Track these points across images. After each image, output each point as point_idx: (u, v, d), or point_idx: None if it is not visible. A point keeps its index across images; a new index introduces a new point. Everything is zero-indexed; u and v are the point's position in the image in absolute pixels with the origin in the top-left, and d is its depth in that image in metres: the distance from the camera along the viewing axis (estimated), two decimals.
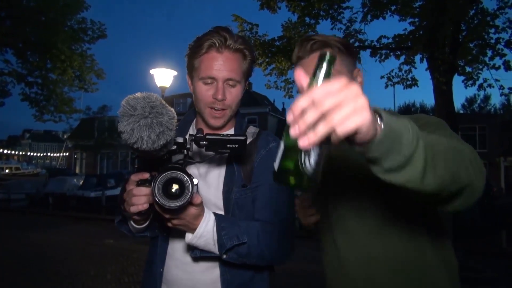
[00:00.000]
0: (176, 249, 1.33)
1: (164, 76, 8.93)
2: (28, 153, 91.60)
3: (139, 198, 1.09)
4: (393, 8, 10.00)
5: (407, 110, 48.88)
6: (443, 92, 8.43)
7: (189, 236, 1.15)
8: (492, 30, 9.40)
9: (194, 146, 1.13)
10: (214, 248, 1.17)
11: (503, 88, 9.33)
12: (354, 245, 1.18)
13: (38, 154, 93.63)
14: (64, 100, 13.60)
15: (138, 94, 0.96)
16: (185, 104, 34.82)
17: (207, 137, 1.11)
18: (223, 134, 1.13)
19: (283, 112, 39.20)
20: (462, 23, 9.06)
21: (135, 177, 1.10)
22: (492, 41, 9.37)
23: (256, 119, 33.85)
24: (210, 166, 1.35)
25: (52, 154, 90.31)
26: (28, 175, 44.15)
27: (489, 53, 9.42)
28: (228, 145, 1.12)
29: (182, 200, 0.99)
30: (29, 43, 12.25)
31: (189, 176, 1.00)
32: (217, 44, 1.25)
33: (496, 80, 9.48)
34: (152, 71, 9.04)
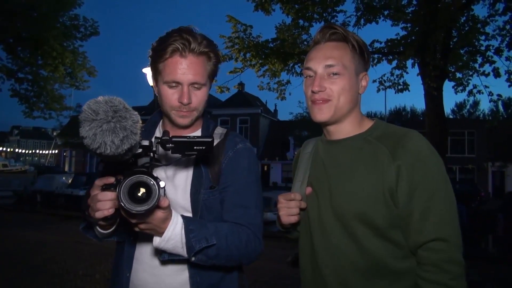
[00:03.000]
0: (143, 253, 1.32)
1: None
2: (16, 150, 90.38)
3: (104, 203, 1.05)
4: (386, 13, 10.11)
5: (397, 114, 49.32)
6: (433, 97, 8.53)
7: (156, 240, 1.12)
8: (483, 37, 9.55)
9: (161, 149, 1.12)
10: (183, 251, 1.14)
11: (492, 94, 9.49)
12: (332, 249, 1.21)
13: (27, 151, 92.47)
14: (55, 97, 13.45)
15: (100, 98, 0.94)
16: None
17: (173, 139, 1.09)
18: (189, 136, 1.11)
19: (275, 113, 39.29)
20: (453, 30, 9.18)
21: (99, 182, 1.07)
22: (482, 48, 9.51)
23: (248, 120, 33.85)
24: (178, 168, 1.34)
25: (40, 152, 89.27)
26: (15, 172, 43.59)
27: (479, 59, 9.56)
28: (195, 147, 1.10)
29: (149, 204, 0.96)
30: (20, 39, 12.09)
31: (156, 179, 0.97)
32: (180, 48, 1.23)
33: (486, 87, 9.62)
34: (144, 70, 9.00)
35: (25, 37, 11.96)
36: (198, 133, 1.41)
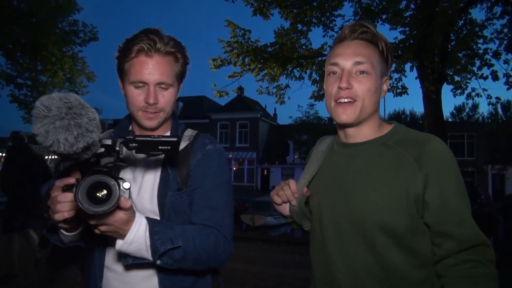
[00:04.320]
0: (113, 260, 1.29)
1: None
2: None
3: (64, 204, 1.00)
4: (384, 17, 10.14)
5: (397, 118, 49.46)
6: (432, 100, 8.54)
7: (119, 243, 1.07)
8: (481, 41, 9.58)
9: (126, 150, 1.09)
10: (147, 254, 1.11)
11: (491, 97, 9.49)
12: (348, 258, 1.17)
13: None
14: None
15: (54, 94, 0.90)
16: (176, 108, 34.62)
17: (137, 138, 1.05)
18: (154, 135, 1.07)
19: (275, 117, 39.33)
20: (451, 33, 9.21)
21: (60, 183, 1.02)
22: (481, 51, 9.54)
23: (247, 124, 33.88)
24: (146, 171, 1.32)
25: None
26: None
27: (478, 63, 9.58)
28: (160, 147, 1.06)
29: (108, 205, 0.92)
30: (19, 44, 12.11)
31: (116, 179, 0.94)
32: (146, 48, 1.22)
33: (484, 90, 9.64)
34: None
35: (25, 43, 11.97)
36: (167, 134, 1.38)
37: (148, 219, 1.12)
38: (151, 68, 1.23)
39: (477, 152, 28.35)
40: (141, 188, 1.30)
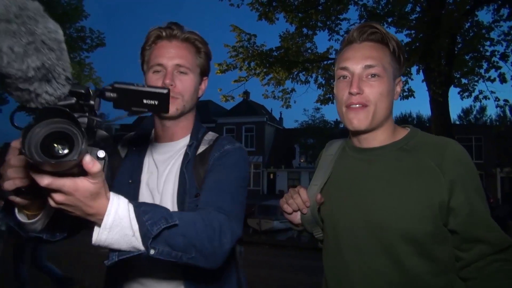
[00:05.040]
0: (136, 272, 1.20)
1: None
2: None
3: (18, 170, 0.79)
4: (389, 20, 10.12)
5: (404, 121, 49.24)
6: (439, 103, 8.48)
7: (96, 231, 0.82)
8: (488, 43, 9.52)
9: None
10: (136, 242, 0.85)
11: (499, 100, 9.42)
12: (366, 268, 1.12)
13: None
14: None
15: None
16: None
17: (115, 85, 0.84)
18: (138, 83, 0.87)
19: (281, 121, 39.32)
20: (458, 36, 9.17)
21: (16, 143, 0.79)
22: (488, 53, 9.48)
23: (253, 128, 33.92)
24: (167, 176, 1.26)
25: None
26: None
27: (485, 65, 9.52)
28: (145, 101, 0.86)
29: (65, 157, 0.67)
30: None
31: (81, 130, 0.67)
32: (164, 34, 1.24)
33: (492, 92, 9.57)
34: None
35: None
36: (187, 138, 1.32)
37: (130, 201, 0.90)
38: (170, 51, 1.23)
39: (485, 155, 28.07)
40: (163, 195, 1.24)
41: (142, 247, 0.87)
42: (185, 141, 1.32)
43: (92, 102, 0.81)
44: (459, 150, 1.10)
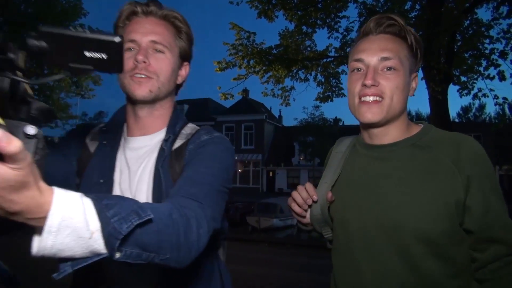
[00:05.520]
0: (105, 277, 1.05)
1: None
2: None
3: None
4: None
5: None
6: (438, 101, 8.49)
7: (37, 237, 0.60)
8: (487, 41, 9.51)
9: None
10: (96, 245, 0.65)
11: (498, 97, 9.41)
12: (379, 268, 1.07)
13: None
14: (61, 106, 13.60)
15: None
16: (182, 111, 34.71)
17: (43, 29, 0.60)
18: (78, 26, 0.65)
19: (280, 119, 39.33)
20: (457, 34, 9.16)
21: None
22: (487, 51, 9.47)
23: (253, 126, 33.92)
24: (140, 179, 1.10)
25: None
26: None
27: (484, 63, 9.51)
28: (88, 54, 0.62)
29: None
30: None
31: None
32: (139, 9, 1.11)
33: (491, 90, 9.56)
34: None
35: None
36: (163, 131, 1.15)
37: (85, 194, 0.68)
38: (144, 27, 1.09)
39: None
40: (136, 197, 1.08)
41: (103, 251, 0.66)
42: (161, 134, 1.15)
43: (12, 56, 0.59)
44: (476, 146, 1.05)
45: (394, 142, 1.14)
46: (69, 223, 0.61)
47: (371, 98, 1.09)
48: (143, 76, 1.06)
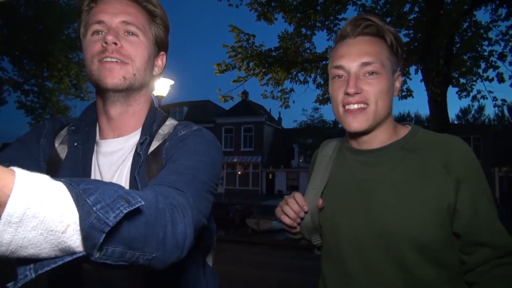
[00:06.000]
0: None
1: (161, 85, 8.99)
2: None
3: None
4: (388, 20, 10.13)
5: (402, 120, 48.95)
6: (437, 103, 8.50)
7: None
8: (486, 43, 9.55)
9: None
10: (70, 241, 0.50)
11: (497, 99, 9.44)
12: (373, 278, 1.04)
13: None
14: (60, 108, 13.59)
15: None
16: (181, 113, 34.85)
17: None
18: None
19: (280, 121, 39.34)
20: (456, 36, 9.19)
21: None
22: (486, 53, 9.50)
23: (252, 128, 33.94)
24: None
25: None
26: None
27: (483, 65, 9.55)
28: None
29: None
30: (26, 52, 12.27)
31: None
32: None
33: (490, 92, 9.58)
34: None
35: (31, 50, 12.13)
36: (138, 132, 1.00)
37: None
38: (114, 7, 0.94)
39: (484, 155, 28.11)
40: None
41: (79, 248, 0.51)
42: (136, 136, 1.00)
43: None
44: (464, 148, 1.03)
45: (383, 146, 1.11)
46: (37, 213, 0.47)
47: (356, 106, 1.05)
48: (115, 60, 0.91)
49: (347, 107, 1.07)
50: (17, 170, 0.48)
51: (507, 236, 1.01)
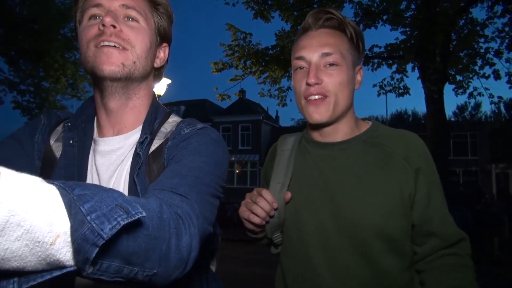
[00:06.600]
0: None
1: (158, 84, 8.96)
2: None
3: None
4: (384, 17, 10.16)
5: (399, 118, 49.43)
6: (434, 100, 8.54)
7: None
8: (482, 40, 9.60)
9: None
10: (58, 254, 0.45)
11: (493, 96, 9.50)
12: (338, 270, 1.04)
13: None
14: (57, 108, 13.55)
15: None
16: (178, 112, 34.81)
17: None
18: None
19: (277, 119, 39.36)
20: (453, 33, 9.23)
21: None
22: (482, 50, 9.55)
23: (249, 126, 33.92)
24: (114, 187, 0.89)
25: None
26: None
27: (479, 62, 9.61)
28: None
29: None
30: (22, 51, 12.22)
31: None
32: None
33: (486, 89, 9.64)
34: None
35: (27, 50, 12.08)
36: (139, 130, 0.94)
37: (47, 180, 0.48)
38: None
39: (480, 151, 28.23)
40: None
41: (69, 262, 0.46)
42: (136, 134, 0.94)
43: None
44: (421, 143, 1.09)
45: (346, 140, 1.13)
46: (22, 220, 0.41)
47: (317, 97, 1.07)
48: (113, 44, 0.83)
49: (308, 98, 1.08)
50: (2, 170, 0.41)
51: (454, 227, 1.07)
